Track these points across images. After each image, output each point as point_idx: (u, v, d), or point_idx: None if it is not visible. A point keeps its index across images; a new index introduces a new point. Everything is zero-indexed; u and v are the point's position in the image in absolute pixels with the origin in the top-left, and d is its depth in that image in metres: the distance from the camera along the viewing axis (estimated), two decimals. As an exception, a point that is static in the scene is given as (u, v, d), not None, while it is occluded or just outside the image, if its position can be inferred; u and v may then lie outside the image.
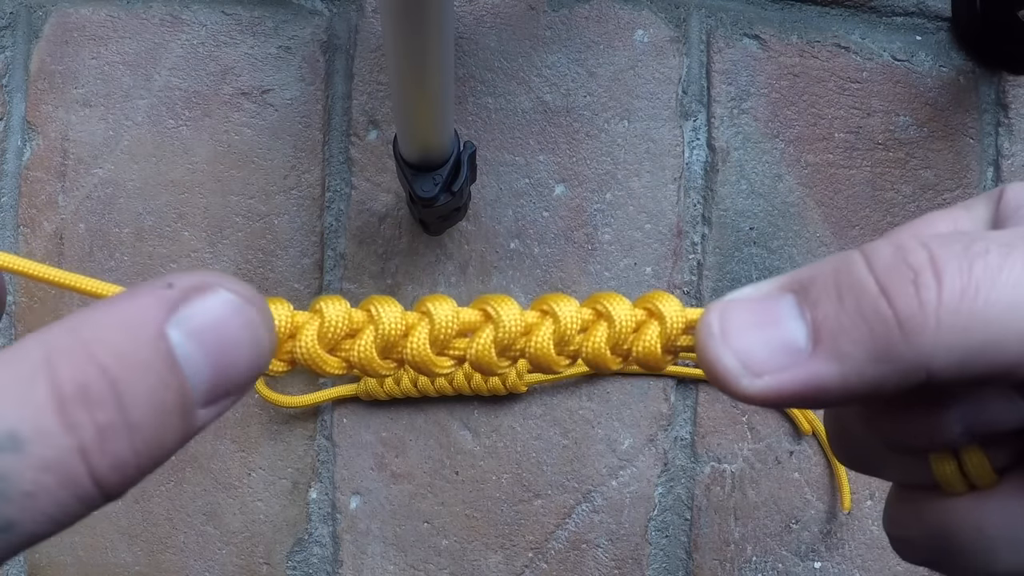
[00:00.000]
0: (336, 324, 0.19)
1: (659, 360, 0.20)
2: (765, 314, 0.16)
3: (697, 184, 0.50)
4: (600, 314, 0.20)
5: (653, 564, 0.48)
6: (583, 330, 0.20)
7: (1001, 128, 0.51)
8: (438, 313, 0.20)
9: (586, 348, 0.20)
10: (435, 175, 0.41)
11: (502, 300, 0.20)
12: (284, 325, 0.19)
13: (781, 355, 0.16)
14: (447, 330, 0.20)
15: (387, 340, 0.19)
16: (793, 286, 0.17)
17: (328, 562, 0.48)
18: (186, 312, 0.14)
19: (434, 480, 0.48)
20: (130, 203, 0.49)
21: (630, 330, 0.20)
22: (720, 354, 0.16)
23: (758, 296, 0.17)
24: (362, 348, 0.19)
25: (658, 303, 0.20)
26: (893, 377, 0.15)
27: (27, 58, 0.50)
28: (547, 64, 0.50)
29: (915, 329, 0.15)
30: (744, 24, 0.51)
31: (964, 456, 0.18)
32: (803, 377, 0.16)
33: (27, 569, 0.48)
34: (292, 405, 0.47)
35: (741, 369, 0.16)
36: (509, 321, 0.20)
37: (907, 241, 0.16)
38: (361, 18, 0.50)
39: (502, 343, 0.20)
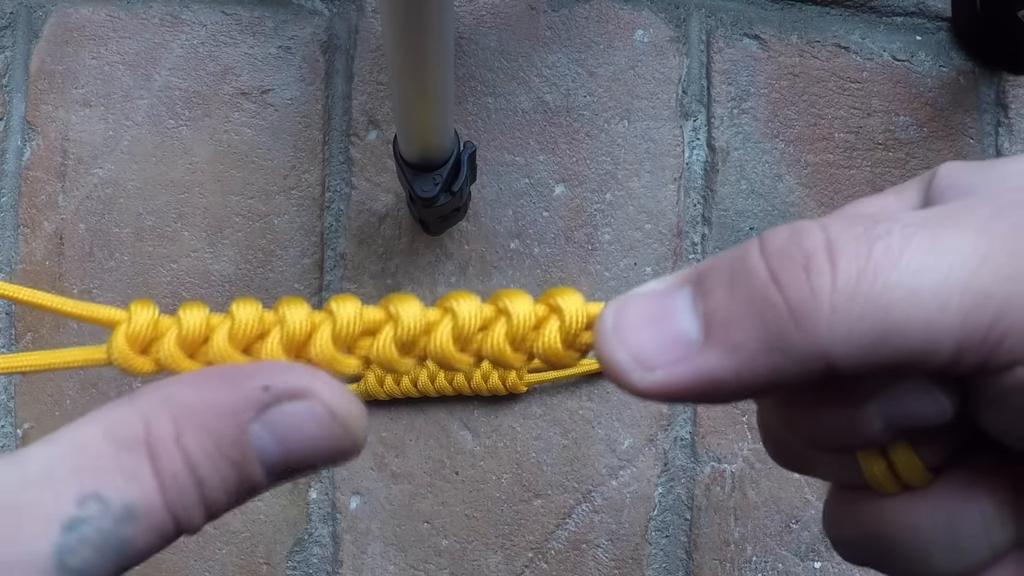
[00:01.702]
0: (246, 326, 0.20)
1: (561, 356, 0.19)
2: (659, 308, 0.16)
3: (697, 184, 0.50)
4: (500, 311, 0.20)
5: (653, 564, 0.48)
6: (484, 328, 0.20)
7: (1001, 128, 0.51)
8: (341, 313, 0.20)
9: (487, 346, 0.20)
10: (435, 175, 0.41)
11: (405, 299, 0.20)
12: (199, 329, 0.20)
13: (672, 349, 0.15)
14: (350, 329, 0.20)
15: (293, 340, 0.20)
16: (691, 278, 0.16)
17: (328, 562, 0.48)
18: (272, 415, 0.16)
19: (434, 480, 0.48)
20: (130, 203, 0.49)
21: (530, 327, 0.19)
22: (612, 349, 0.16)
23: (655, 291, 0.16)
24: (270, 349, 0.20)
25: (558, 299, 0.19)
26: (790, 368, 0.14)
27: (27, 58, 0.50)
28: (547, 64, 0.50)
29: (807, 316, 0.14)
30: (744, 24, 0.51)
31: (893, 455, 0.17)
32: (694, 370, 0.15)
33: (27, 569, 0.48)
34: (292, 405, 0.47)
35: (633, 364, 0.16)
36: (408, 319, 0.20)
37: (805, 224, 0.15)
38: (361, 18, 0.50)
39: (402, 341, 0.20)
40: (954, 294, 0.14)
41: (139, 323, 0.20)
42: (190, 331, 0.20)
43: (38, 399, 0.48)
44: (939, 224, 0.14)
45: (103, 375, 0.48)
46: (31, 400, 0.48)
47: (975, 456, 0.17)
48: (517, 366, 0.20)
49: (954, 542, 0.16)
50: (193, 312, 0.20)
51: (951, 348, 0.14)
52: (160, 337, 0.20)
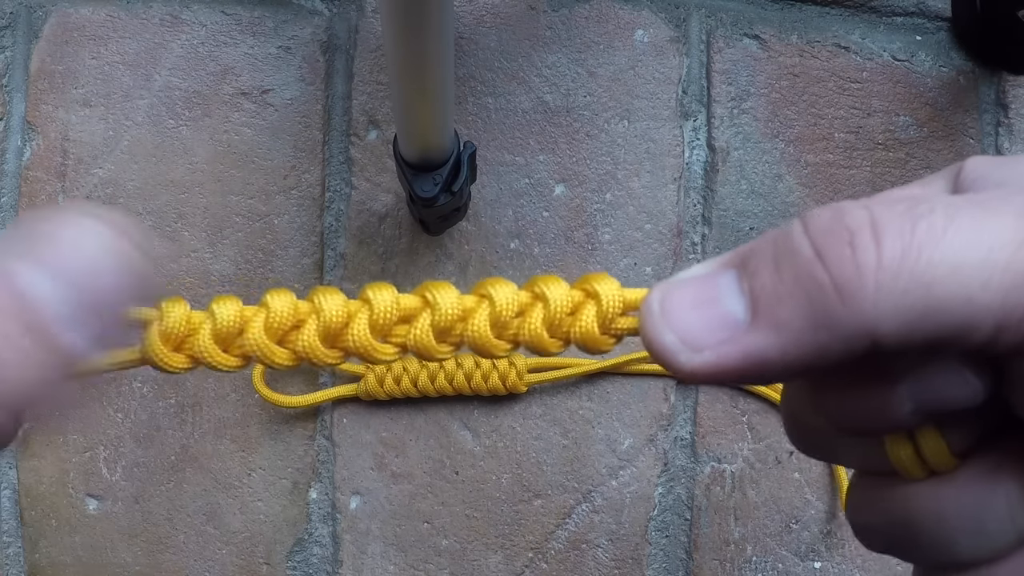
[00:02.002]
0: (282, 315, 0.20)
1: (598, 342, 0.19)
2: (706, 291, 0.16)
3: (697, 184, 0.50)
4: (536, 296, 0.20)
5: (653, 564, 0.48)
6: (520, 314, 0.20)
7: (1001, 128, 0.51)
8: (377, 300, 0.20)
9: (523, 332, 0.20)
10: (435, 175, 0.41)
11: (440, 286, 0.20)
12: (233, 322, 0.20)
13: (720, 329, 0.16)
14: (387, 316, 0.20)
15: (330, 329, 0.20)
16: (735, 261, 0.16)
17: (328, 562, 0.48)
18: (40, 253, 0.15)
19: (434, 480, 0.48)
20: (130, 203, 0.49)
21: (566, 312, 0.19)
22: (660, 332, 0.16)
23: (700, 274, 0.17)
24: (307, 338, 0.20)
25: (595, 284, 0.19)
26: (836, 345, 0.15)
27: (27, 58, 0.50)
28: (547, 64, 0.50)
29: (853, 293, 0.14)
30: (744, 24, 0.51)
31: (920, 439, 0.17)
32: (742, 349, 0.15)
33: (27, 569, 0.48)
34: (292, 405, 0.47)
35: (680, 346, 0.16)
36: (446, 306, 0.20)
37: (848, 204, 0.15)
38: (361, 18, 0.50)
39: (439, 327, 0.20)
40: (995, 273, 0.14)
41: (173, 320, 0.20)
42: (224, 325, 0.20)
43: (38, 399, 0.48)
44: (979, 207, 0.15)
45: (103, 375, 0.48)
46: (31, 400, 0.48)
47: (1003, 440, 0.17)
48: (554, 352, 0.20)
49: (980, 528, 0.16)
50: (227, 305, 0.20)
51: (991, 326, 0.14)
52: (194, 333, 0.20)
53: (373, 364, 0.20)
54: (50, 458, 0.48)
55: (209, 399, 0.48)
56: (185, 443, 0.48)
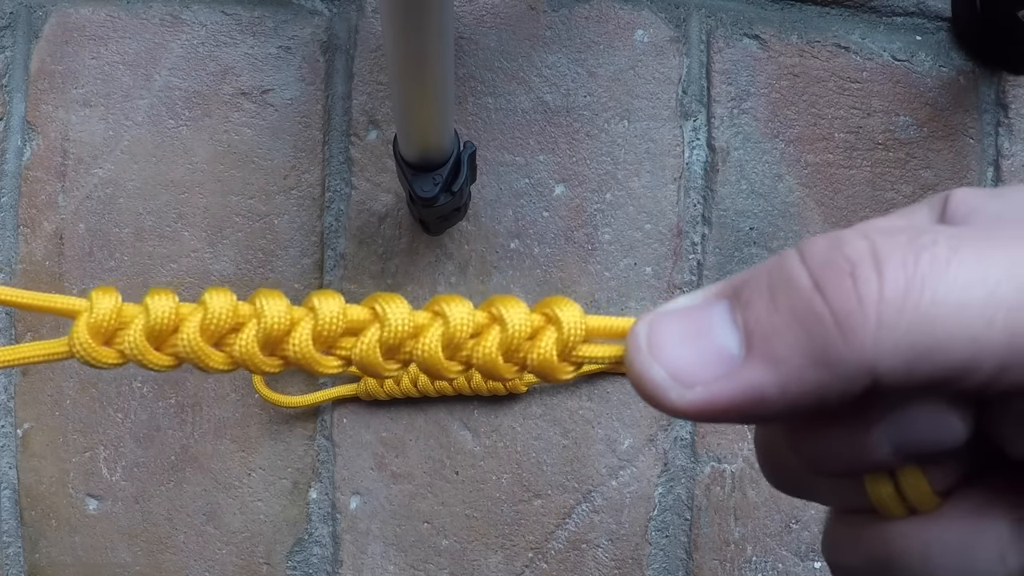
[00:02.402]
0: (219, 317, 0.18)
1: (556, 370, 0.18)
2: (696, 323, 0.15)
3: (697, 184, 0.50)
4: (494, 318, 0.19)
5: (653, 564, 0.48)
6: (476, 335, 0.19)
7: (1001, 128, 0.51)
8: (323, 309, 0.19)
9: (477, 354, 0.19)
10: (435, 175, 0.41)
11: (392, 298, 0.19)
12: (167, 318, 0.19)
13: (713, 364, 0.15)
14: (332, 327, 0.19)
15: (270, 335, 0.19)
16: (727, 291, 0.15)
17: (328, 562, 0.48)
18: None
19: (434, 480, 0.48)
20: (130, 203, 0.49)
21: (524, 336, 0.18)
22: (647, 366, 0.15)
23: (690, 305, 0.16)
24: (244, 343, 0.19)
25: (556, 308, 0.18)
26: (835, 383, 0.14)
27: (27, 58, 0.50)
28: (547, 64, 0.50)
29: (854, 328, 0.13)
30: (744, 24, 0.51)
31: (901, 478, 0.16)
32: (737, 386, 0.14)
33: (27, 569, 0.48)
34: (292, 405, 0.47)
35: (669, 381, 0.15)
36: (397, 321, 0.19)
37: (845, 233, 0.14)
38: (361, 18, 0.50)
39: (388, 343, 0.19)
40: (1001, 310, 0.13)
41: (101, 312, 0.18)
42: (158, 320, 0.18)
43: (38, 399, 0.48)
44: (982, 240, 0.14)
45: (103, 375, 0.48)
46: (31, 400, 0.48)
47: (989, 477, 0.16)
48: (508, 377, 0.19)
49: (967, 567, 0.15)
50: (161, 300, 0.19)
51: (994, 365, 0.13)
52: (125, 327, 0.19)
53: (314, 376, 0.20)
54: (50, 458, 0.48)
55: (209, 399, 0.48)
56: (185, 443, 0.48)
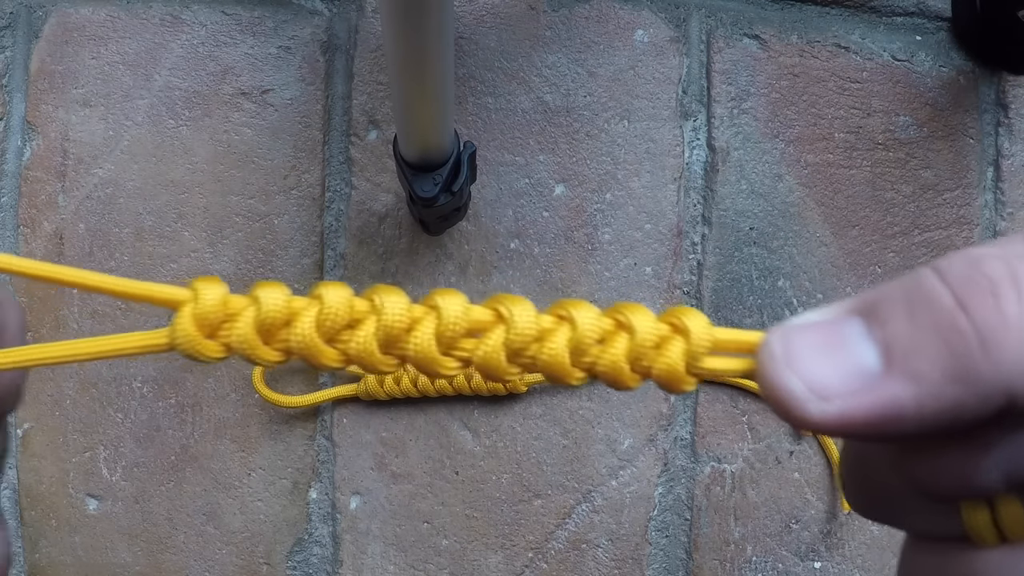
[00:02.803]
0: (336, 312, 0.18)
1: (681, 381, 0.18)
2: (831, 336, 0.15)
3: (697, 184, 0.50)
4: (621, 325, 0.18)
5: (653, 564, 0.48)
6: (601, 341, 0.18)
7: (1001, 128, 0.51)
8: (447, 308, 0.18)
9: (603, 361, 0.18)
10: (435, 175, 0.41)
11: (517, 300, 0.18)
12: (280, 311, 0.18)
13: (851, 378, 0.15)
14: (455, 328, 0.18)
15: (389, 333, 0.18)
16: (860, 308, 0.15)
17: (328, 562, 0.48)
18: None
19: (434, 480, 0.48)
20: (130, 203, 0.49)
21: (651, 345, 0.18)
22: (784, 378, 0.15)
23: (823, 320, 0.16)
24: (362, 340, 0.18)
25: (684, 318, 0.18)
26: (973, 401, 0.14)
27: (27, 58, 0.50)
28: (547, 64, 0.50)
29: (997, 344, 0.14)
30: (744, 24, 0.51)
31: (1000, 506, 0.16)
32: (876, 400, 0.14)
33: (27, 569, 0.48)
34: (292, 405, 0.47)
35: (808, 393, 0.15)
36: (523, 323, 0.18)
37: (981, 252, 0.15)
38: (361, 18, 0.50)
39: (513, 347, 0.18)
40: None
41: (209, 302, 0.18)
42: (270, 313, 0.18)
43: (38, 399, 0.48)
44: None
45: (102, 375, 0.48)
46: (31, 400, 0.48)
47: None
48: (632, 387, 0.18)
49: None
50: (274, 292, 0.18)
51: None
52: (232, 319, 0.18)
53: (434, 377, 0.19)
54: (50, 458, 0.48)
55: (209, 399, 0.48)
56: (185, 443, 0.48)
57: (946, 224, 0.51)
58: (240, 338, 0.18)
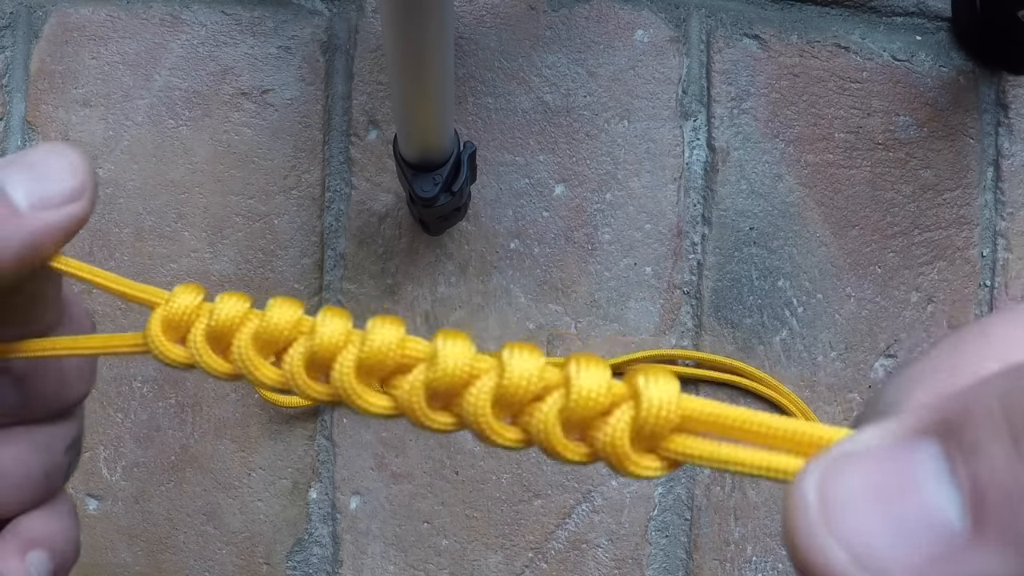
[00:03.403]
0: (277, 328, 0.16)
1: (625, 460, 0.14)
2: (892, 475, 0.10)
3: (697, 184, 0.50)
4: (552, 385, 0.15)
5: (653, 564, 0.48)
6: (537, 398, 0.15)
7: (1001, 128, 0.51)
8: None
9: (533, 421, 0.15)
10: (435, 175, 0.41)
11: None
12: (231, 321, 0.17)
13: (921, 542, 0.10)
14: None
15: (318, 356, 0.16)
16: (936, 425, 0.11)
17: (328, 562, 0.48)
18: None
19: (434, 480, 0.48)
20: (130, 203, 0.49)
21: (593, 410, 0.14)
22: (819, 545, 0.10)
23: (881, 446, 0.11)
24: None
25: (643, 381, 0.14)
26: None
27: (27, 58, 0.50)
28: (547, 64, 0.50)
29: None
30: (744, 24, 0.51)
31: None
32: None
33: (27, 569, 0.48)
34: (292, 405, 0.47)
35: (855, 568, 0.10)
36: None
37: None
38: (361, 18, 0.50)
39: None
40: None
41: (177, 307, 0.17)
42: (220, 323, 0.17)
43: (38, 399, 0.48)
44: None
45: (102, 375, 0.48)
46: (31, 400, 0.48)
47: None
48: (567, 458, 0.15)
49: None
50: (230, 303, 0.17)
51: None
52: (239, 328, 0.17)
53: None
54: (50, 458, 0.48)
55: (209, 399, 0.48)
56: (185, 443, 0.48)
57: (946, 224, 0.51)
58: (192, 346, 0.17)
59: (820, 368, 0.49)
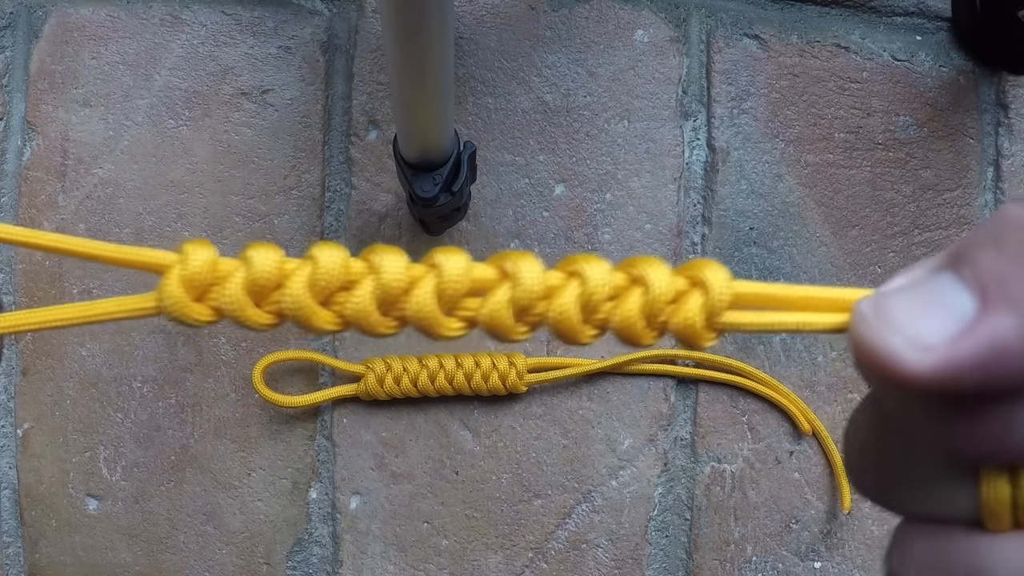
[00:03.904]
0: (330, 272, 0.17)
1: (700, 336, 0.17)
2: (924, 293, 0.15)
3: (697, 184, 0.50)
4: (635, 279, 0.18)
5: (653, 564, 0.48)
6: (613, 297, 0.18)
7: (1001, 128, 0.51)
8: (448, 266, 0.17)
9: (615, 317, 0.17)
10: (435, 175, 0.41)
11: (522, 256, 0.18)
12: (271, 272, 0.18)
13: (951, 325, 0.14)
14: (457, 285, 0.17)
15: (388, 293, 0.17)
16: (947, 262, 0.15)
17: (328, 562, 0.48)
18: None
19: (434, 480, 0.48)
20: (130, 203, 0.49)
21: (667, 300, 0.17)
22: (881, 335, 0.15)
23: (913, 280, 0.15)
24: (358, 301, 0.17)
25: (702, 271, 0.17)
26: None
27: (27, 58, 0.50)
28: (547, 64, 0.50)
29: None
30: (744, 24, 0.51)
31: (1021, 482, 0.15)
32: (979, 338, 0.14)
33: (27, 569, 0.48)
34: (292, 405, 0.47)
35: (907, 346, 0.14)
36: (529, 280, 0.17)
37: None
38: (361, 18, 0.50)
39: (519, 304, 0.17)
40: None
41: (196, 264, 0.17)
42: (261, 274, 0.18)
43: (38, 399, 0.48)
44: None
45: (102, 375, 0.48)
46: (31, 400, 0.48)
47: None
48: (647, 343, 0.18)
49: None
50: (265, 253, 0.18)
51: None
52: (221, 281, 0.18)
53: (436, 339, 0.18)
54: (50, 458, 0.48)
55: (209, 399, 0.48)
56: (185, 443, 0.48)
57: (946, 224, 0.51)
58: (230, 300, 0.17)
59: (820, 368, 0.49)
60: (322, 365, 0.48)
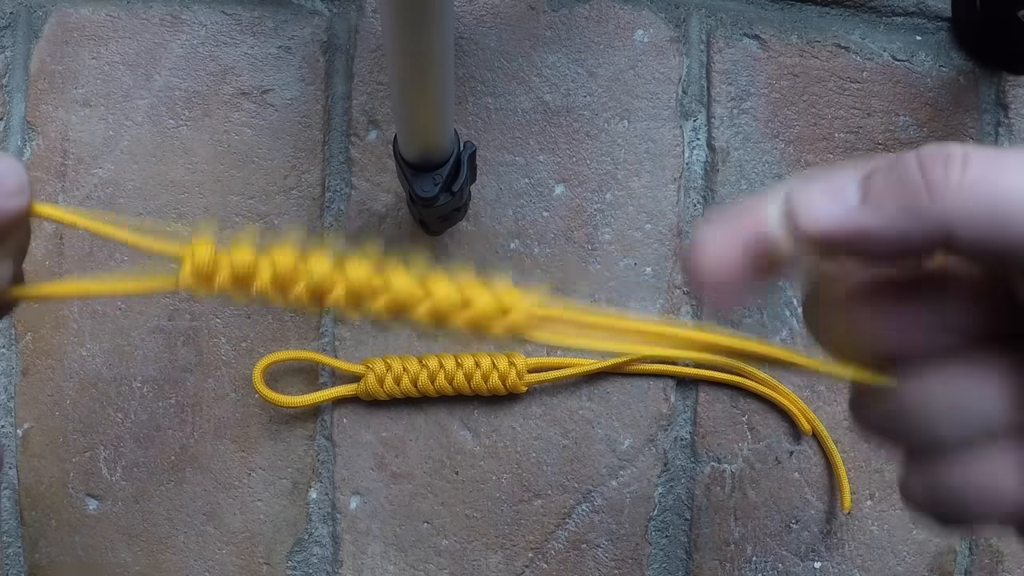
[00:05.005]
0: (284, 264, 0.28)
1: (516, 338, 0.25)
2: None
3: (697, 184, 0.50)
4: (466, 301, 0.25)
5: (653, 564, 0.48)
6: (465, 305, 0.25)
7: (1001, 128, 0.51)
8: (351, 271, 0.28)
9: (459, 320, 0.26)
10: (435, 175, 0.41)
11: None
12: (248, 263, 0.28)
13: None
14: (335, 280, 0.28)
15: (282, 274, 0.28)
16: (862, 172, 0.21)
17: (328, 562, 0.48)
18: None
19: (434, 480, 0.48)
20: (130, 203, 0.49)
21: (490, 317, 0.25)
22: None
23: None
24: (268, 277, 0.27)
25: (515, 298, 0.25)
26: (918, 232, 0.19)
27: (27, 58, 0.50)
28: (547, 64, 0.50)
29: (938, 192, 0.19)
30: (744, 24, 0.51)
31: None
32: (849, 218, 0.20)
33: (27, 569, 0.48)
34: (292, 405, 0.47)
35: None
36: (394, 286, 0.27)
37: (950, 144, 0.20)
38: (361, 18, 0.50)
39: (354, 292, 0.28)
40: None
41: (200, 260, 0.28)
42: (239, 270, 0.27)
43: (38, 399, 0.48)
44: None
45: (102, 375, 0.48)
46: (31, 400, 0.48)
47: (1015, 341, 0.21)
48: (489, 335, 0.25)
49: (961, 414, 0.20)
50: (242, 254, 0.28)
51: None
52: (220, 270, 0.27)
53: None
54: (50, 458, 0.48)
55: (209, 399, 0.48)
56: (185, 443, 0.48)
57: (946, 224, 0.51)
58: (222, 287, 0.27)
59: (820, 368, 0.49)
60: (322, 365, 0.48)
